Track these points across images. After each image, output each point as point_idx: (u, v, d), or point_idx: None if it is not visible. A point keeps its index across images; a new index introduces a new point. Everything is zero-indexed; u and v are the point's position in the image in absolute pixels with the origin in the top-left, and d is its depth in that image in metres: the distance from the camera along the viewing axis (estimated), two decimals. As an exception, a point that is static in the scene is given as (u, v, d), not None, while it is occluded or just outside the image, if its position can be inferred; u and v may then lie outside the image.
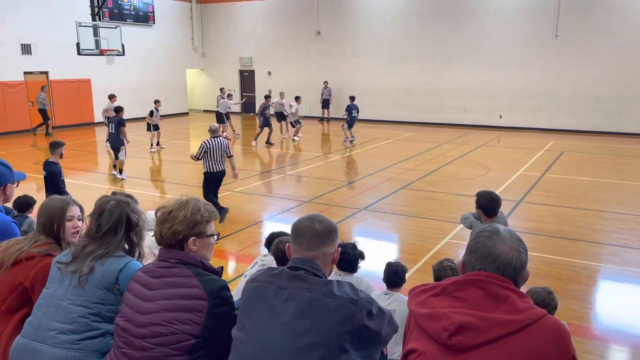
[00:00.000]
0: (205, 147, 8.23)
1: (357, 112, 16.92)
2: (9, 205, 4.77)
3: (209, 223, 2.29)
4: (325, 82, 22.78)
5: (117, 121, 11.99)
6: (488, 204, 4.66)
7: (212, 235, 2.31)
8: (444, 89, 21.31)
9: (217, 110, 18.13)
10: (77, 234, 2.70)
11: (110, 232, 2.40)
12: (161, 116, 16.09)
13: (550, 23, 19.12)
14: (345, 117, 16.90)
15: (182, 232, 2.20)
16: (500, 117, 20.59)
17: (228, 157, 8.54)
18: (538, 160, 13.92)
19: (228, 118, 18.20)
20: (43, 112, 18.24)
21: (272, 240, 4.69)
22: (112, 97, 16.23)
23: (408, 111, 22.15)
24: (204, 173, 8.48)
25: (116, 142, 11.85)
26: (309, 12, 23.56)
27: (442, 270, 3.85)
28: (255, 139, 16.61)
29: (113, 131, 11.97)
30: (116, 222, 2.41)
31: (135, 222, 2.48)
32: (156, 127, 15.61)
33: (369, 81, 22.62)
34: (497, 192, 4.81)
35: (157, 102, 16.02)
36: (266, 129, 16.54)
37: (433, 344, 1.60)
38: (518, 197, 9.99)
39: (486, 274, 1.64)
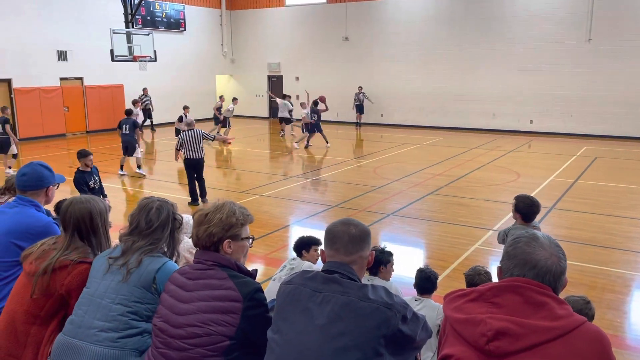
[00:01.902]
0: (181, 138, 9.88)
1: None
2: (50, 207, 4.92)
3: (244, 226, 2.33)
4: (360, 88, 22.43)
5: (132, 123, 12.55)
6: (528, 209, 4.56)
7: (247, 238, 2.35)
8: (473, 93, 21.08)
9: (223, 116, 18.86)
10: None
11: (159, 228, 2.49)
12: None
13: (583, 27, 18.74)
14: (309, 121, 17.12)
15: (217, 234, 2.25)
16: (531, 122, 20.25)
17: (211, 140, 10.34)
18: (570, 166, 13.64)
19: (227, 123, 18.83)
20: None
21: (301, 245, 4.75)
22: (135, 103, 16.68)
23: (436, 116, 21.99)
24: (184, 160, 9.98)
25: (131, 142, 12.44)
26: (336, 18, 23.64)
27: (476, 275, 3.83)
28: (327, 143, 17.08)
29: (127, 132, 12.45)
30: (165, 219, 2.51)
31: (180, 222, 2.59)
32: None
33: (397, 86, 22.54)
34: (535, 199, 4.74)
35: (185, 108, 16.37)
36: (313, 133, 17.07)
37: (470, 349, 1.60)
38: (550, 203, 9.81)
39: (524, 280, 1.63)
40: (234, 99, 19.43)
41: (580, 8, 18.70)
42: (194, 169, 9.92)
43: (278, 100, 19.82)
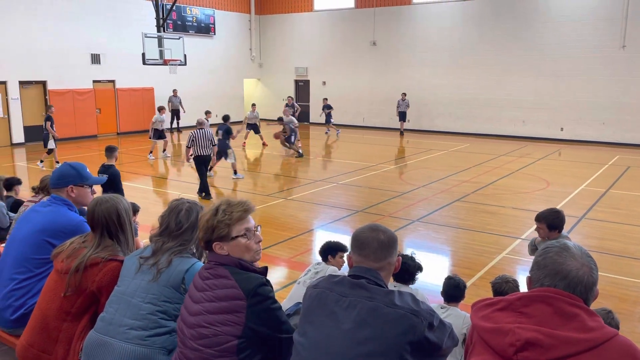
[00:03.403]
0: (192, 136, 10.50)
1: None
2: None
3: (232, 226, 2.21)
4: (403, 94, 21.40)
5: (225, 129, 12.97)
6: (560, 221, 4.41)
7: (239, 236, 2.23)
8: (502, 99, 20.80)
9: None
10: None
11: (188, 230, 2.51)
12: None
13: (617, 33, 18.32)
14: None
15: (203, 238, 2.24)
16: (562, 129, 19.87)
17: (213, 145, 10.68)
18: (602, 175, 13.32)
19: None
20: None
21: (328, 250, 4.75)
22: (161, 110, 16.46)
23: (464, 122, 21.76)
24: (194, 157, 10.58)
25: (224, 146, 12.78)
26: (364, 23, 23.65)
27: (504, 283, 3.76)
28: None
29: (221, 137, 12.84)
30: (194, 221, 2.52)
31: None
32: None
33: (425, 91, 22.39)
34: (557, 207, 4.63)
35: (207, 113, 16.07)
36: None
37: (497, 359, 1.58)
38: (580, 213, 9.59)
39: (555, 290, 1.60)
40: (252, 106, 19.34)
41: (614, 14, 18.29)
42: (203, 165, 10.62)
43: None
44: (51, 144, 13.85)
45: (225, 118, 13.63)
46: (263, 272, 2.27)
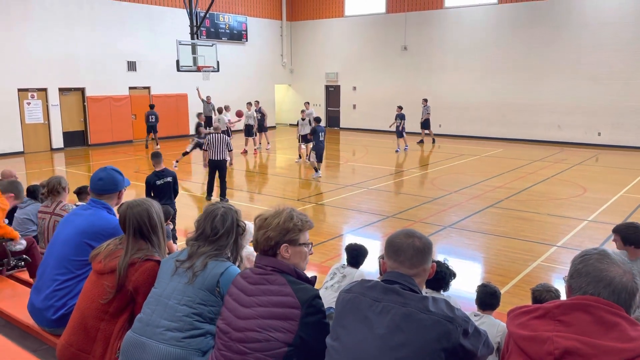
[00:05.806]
0: (209, 140, 10.75)
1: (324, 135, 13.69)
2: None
3: (302, 232, 2.34)
4: (425, 100, 20.55)
5: (323, 129, 13.82)
6: (637, 237, 4.04)
7: (305, 244, 2.36)
8: (537, 104, 20.38)
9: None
10: None
11: (224, 235, 2.57)
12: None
13: (658, 34, 17.77)
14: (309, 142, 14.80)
15: (274, 238, 2.28)
16: (599, 134, 19.34)
17: (229, 150, 10.89)
18: (642, 182, 12.91)
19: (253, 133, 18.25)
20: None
21: (364, 256, 4.75)
22: (226, 108, 17.09)
23: (498, 127, 21.40)
24: (209, 160, 10.79)
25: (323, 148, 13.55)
26: (395, 27, 23.56)
27: (545, 291, 3.67)
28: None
29: (323, 139, 13.55)
30: (230, 226, 2.59)
31: (243, 229, 2.67)
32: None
33: (457, 96, 22.14)
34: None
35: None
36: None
37: None
38: (619, 220, 9.26)
39: (594, 298, 1.57)
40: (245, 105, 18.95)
41: (655, 15, 17.74)
42: (217, 169, 10.76)
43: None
44: (190, 147, 14.48)
45: (318, 119, 14.15)
46: (313, 282, 2.33)
